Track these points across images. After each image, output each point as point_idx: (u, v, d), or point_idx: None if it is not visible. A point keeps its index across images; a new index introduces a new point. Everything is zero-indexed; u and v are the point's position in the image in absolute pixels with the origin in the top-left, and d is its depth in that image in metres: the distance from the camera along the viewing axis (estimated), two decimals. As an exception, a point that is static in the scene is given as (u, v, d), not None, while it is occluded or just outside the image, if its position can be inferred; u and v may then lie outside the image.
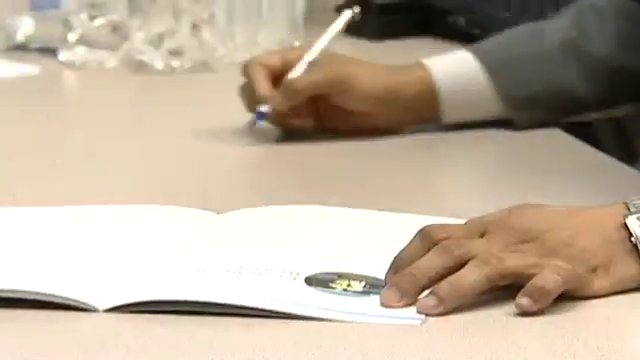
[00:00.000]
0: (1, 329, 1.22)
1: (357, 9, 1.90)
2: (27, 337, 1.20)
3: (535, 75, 1.81)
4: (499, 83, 1.79)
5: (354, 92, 1.72)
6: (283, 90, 1.72)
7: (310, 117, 1.78)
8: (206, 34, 2.15)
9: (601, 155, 1.77)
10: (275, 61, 1.75)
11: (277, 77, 1.78)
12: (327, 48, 1.77)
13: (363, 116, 1.75)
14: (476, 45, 1.84)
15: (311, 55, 1.76)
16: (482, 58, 1.80)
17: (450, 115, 1.78)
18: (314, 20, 2.30)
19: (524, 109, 1.79)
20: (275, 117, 1.77)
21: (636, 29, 1.74)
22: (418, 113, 1.77)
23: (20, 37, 2.24)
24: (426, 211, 1.43)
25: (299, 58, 1.77)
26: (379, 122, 1.75)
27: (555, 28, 1.85)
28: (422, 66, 1.78)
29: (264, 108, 1.76)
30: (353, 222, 1.48)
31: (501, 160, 1.75)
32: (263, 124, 1.79)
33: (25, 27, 2.24)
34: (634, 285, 1.26)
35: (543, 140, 1.78)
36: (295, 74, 1.75)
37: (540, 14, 2.25)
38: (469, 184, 1.65)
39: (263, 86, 1.72)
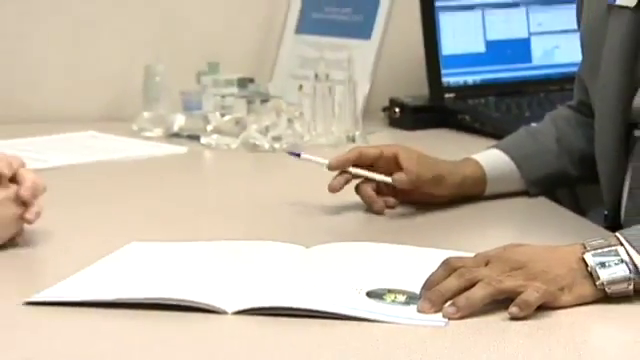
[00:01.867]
0: (161, 325, 1.20)
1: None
2: (179, 330, 1.19)
3: (543, 164, 1.74)
4: (522, 171, 1.72)
5: (444, 185, 1.65)
6: (402, 181, 1.62)
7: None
8: (297, 126, 2.13)
9: (567, 212, 1.70)
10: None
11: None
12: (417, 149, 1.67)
13: (440, 196, 1.66)
14: (500, 144, 1.76)
15: None
16: (510, 155, 1.72)
17: (490, 191, 1.71)
18: (369, 117, 2.25)
19: (536, 186, 1.72)
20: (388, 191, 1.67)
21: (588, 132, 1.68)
22: (471, 191, 1.70)
23: (175, 128, 2.20)
24: (451, 247, 1.39)
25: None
26: (445, 197, 1.66)
27: (545, 132, 1.77)
28: (475, 162, 1.70)
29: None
30: (399, 254, 1.43)
31: (500, 216, 1.68)
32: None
33: (178, 121, 2.21)
34: (589, 300, 1.23)
35: (532, 203, 1.71)
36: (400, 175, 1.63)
37: (519, 115, 2.24)
38: (479, 231, 1.60)
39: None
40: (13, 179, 1.43)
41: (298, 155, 1.75)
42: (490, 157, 1.71)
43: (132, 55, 2.28)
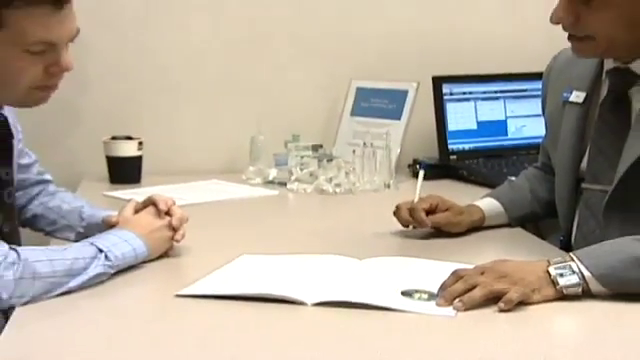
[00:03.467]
0: (263, 311, 1.19)
1: (421, 167, 1.79)
2: (275, 315, 1.19)
3: (521, 207, 1.70)
4: (507, 211, 1.68)
5: (461, 226, 1.61)
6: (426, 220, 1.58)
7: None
8: (351, 177, 2.08)
9: (535, 238, 1.67)
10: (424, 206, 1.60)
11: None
12: (440, 196, 1.64)
13: (455, 230, 1.61)
14: (492, 193, 1.72)
15: (418, 196, 1.63)
16: (500, 201, 1.68)
17: (486, 224, 1.65)
18: (399, 171, 2.20)
19: (516, 221, 1.68)
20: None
21: (550, 185, 1.64)
22: (476, 225, 1.64)
23: (270, 177, 2.18)
24: (458, 261, 1.37)
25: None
26: (459, 231, 1.61)
27: (522, 185, 1.73)
28: (479, 208, 1.65)
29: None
30: (423, 265, 1.41)
31: (491, 241, 1.63)
32: None
33: (272, 173, 2.18)
34: (552, 298, 1.21)
35: (513, 232, 1.68)
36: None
37: (499, 171, 2.18)
38: (477, 251, 1.55)
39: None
40: (167, 212, 1.44)
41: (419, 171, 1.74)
42: (487, 203, 1.67)
43: (243, 129, 2.26)
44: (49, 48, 1.27)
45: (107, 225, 1.45)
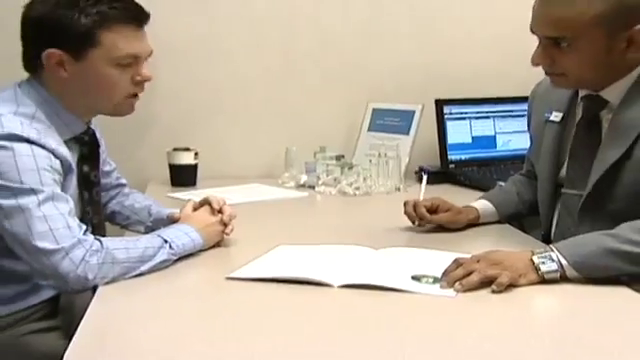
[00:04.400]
0: (297, 291, 1.19)
1: (425, 173, 1.78)
2: (307, 294, 1.18)
3: (510, 207, 1.67)
4: (498, 211, 1.65)
5: (459, 223, 1.59)
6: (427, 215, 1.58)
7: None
8: (368, 181, 2.07)
9: (521, 233, 1.64)
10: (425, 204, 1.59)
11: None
12: (442, 198, 1.61)
13: (455, 227, 1.59)
14: (485, 196, 1.69)
15: (422, 196, 1.62)
16: (492, 203, 1.66)
17: (482, 221, 1.63)
18: (407, 176, 2.17)
19: (505, 219, 1.66)
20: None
21: (533, 189, 1.62)
22: (472, 222, 1.62)
23: (301, 182, 2.16)
24: (458, 251, 1.34)
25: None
26: (458, 227, 1.59)
27: (510, 189, 1.71)
28: (474, 208, 1.63)
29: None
30: (429, 254, 1.39)
31: (485, 235, 1.60)
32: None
33: (303, 178, 2.16)
34: (535, 282, 1.20)
35: (502, 228, 1.65)
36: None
37: (490, 178, 2.15)
38: (473, 243, 1.52)
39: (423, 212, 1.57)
40: (220, 210, 1.43)
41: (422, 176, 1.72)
42: (481, 204, 1.65)
43: (279, 142, 2.25)
44: (134, 61, 1.30)
45: (171, 220, 1.45)
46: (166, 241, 1.28)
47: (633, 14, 1.26)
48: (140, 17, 1.29)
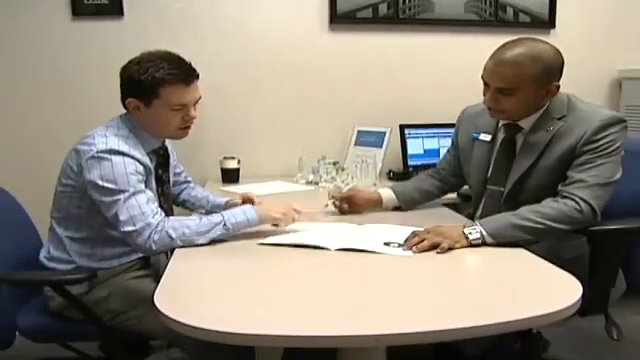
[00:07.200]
0: (304, 253, 1.17)
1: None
2: (311, 255, 1.16)
3: (407, 195, 1.55)
4: (398, 197, 1.54)
5: (364, 207, 1.52)
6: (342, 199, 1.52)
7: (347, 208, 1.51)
8: (354, 180, 2.02)
9: (455, 213, 1.56)
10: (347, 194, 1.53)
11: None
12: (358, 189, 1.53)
13: (362, 209, 1.51)
14: (392, 186, 1.57)
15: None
16: (394, 191, 1.55)
17: (384, 207, 1.53)
18: (381, 176, 2.14)
19: (405, 204, 1.54)
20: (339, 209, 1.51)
21: (432, 182, 1.56)
22: (377, 205, 1.53)
23: (310, 180, 2.12)
24: (415, 226, 1.30)
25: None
26: (364, 209, 1.51)
27: (409, 183, 1.61)
28: (378, 194, 1.52)
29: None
30: (396, 229, 1.34)
31: (433, 216, 1.50)
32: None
33: (310, 177, 2.13)
34: (466, 246, 1.19)
35: (444, 211, 1.58)
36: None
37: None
38: (426, 220, 1.41)
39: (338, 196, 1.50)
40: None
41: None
42: (385, 192, 1.54)
43: (294, 153, 2.23)
44: (183, 107, 1.31)
45: (230, 206, 1.47)
46: (222, 220, 1.25)
47: (553, 73, 1.28)
48: (189, 78, 1.29)
